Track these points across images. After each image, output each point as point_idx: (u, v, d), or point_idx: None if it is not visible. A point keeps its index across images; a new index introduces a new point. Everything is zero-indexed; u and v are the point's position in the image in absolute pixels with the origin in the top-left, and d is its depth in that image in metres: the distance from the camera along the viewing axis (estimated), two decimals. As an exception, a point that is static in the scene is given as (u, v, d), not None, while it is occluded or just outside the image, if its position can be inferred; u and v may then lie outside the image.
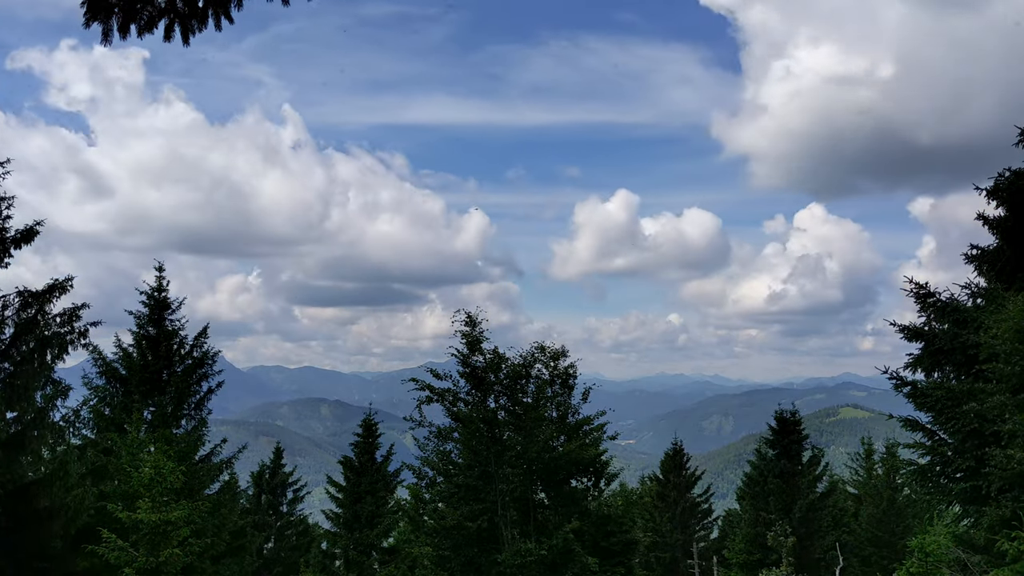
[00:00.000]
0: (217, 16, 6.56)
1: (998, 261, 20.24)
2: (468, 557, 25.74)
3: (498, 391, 27.37)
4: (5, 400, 16.94)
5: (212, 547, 22.65)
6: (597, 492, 30.07)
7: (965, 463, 18.25)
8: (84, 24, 6.24)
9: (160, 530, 19.60)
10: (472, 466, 26.88)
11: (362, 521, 36.42)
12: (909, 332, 20.50)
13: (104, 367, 25.36)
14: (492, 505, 26.24)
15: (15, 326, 17.36)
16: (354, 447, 38.81)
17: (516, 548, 24.56)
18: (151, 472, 20.27)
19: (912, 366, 20.48)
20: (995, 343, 17.07)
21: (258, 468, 42.64)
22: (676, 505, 50.02)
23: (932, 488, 19.70)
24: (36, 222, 17.88)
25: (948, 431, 18.79)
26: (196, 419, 26.03)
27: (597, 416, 29.25)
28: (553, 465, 26.88)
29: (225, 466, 26.15)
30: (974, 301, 19.96)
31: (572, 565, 25.45)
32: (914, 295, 20.60)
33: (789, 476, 39.71)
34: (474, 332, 27.38)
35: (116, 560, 19.15)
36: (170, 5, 6.45)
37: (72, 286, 18.17)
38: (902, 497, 44.11)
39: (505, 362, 27.34)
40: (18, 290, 17.61)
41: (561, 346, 28.89)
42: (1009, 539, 15.60)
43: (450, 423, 27.44)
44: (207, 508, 22.29)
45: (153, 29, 6.42)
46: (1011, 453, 16.02)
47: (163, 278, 26.17)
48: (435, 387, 27.03)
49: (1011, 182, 19.45)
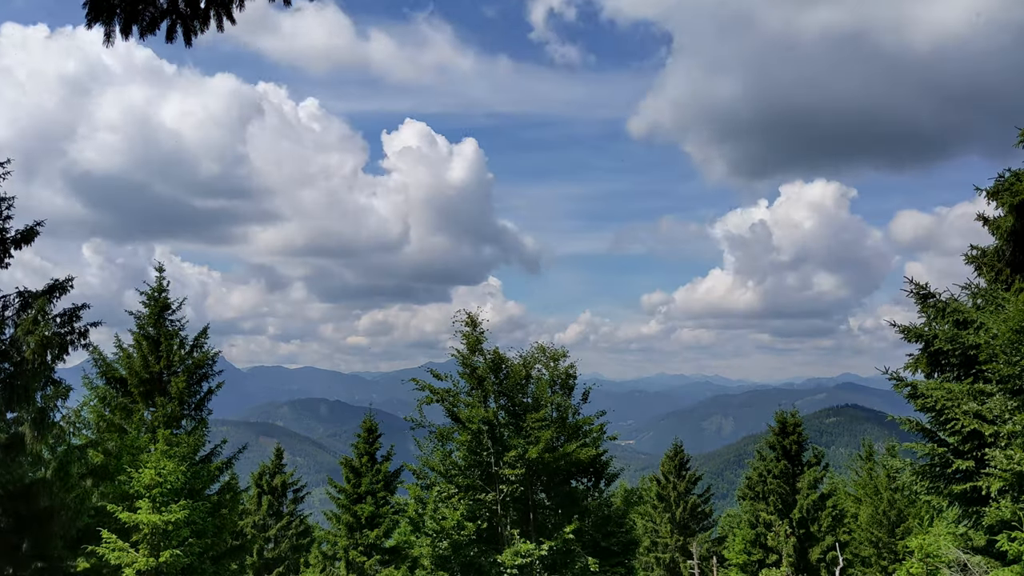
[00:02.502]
0: (219, 17, 6.56)
1: (998, 262, 20.27)
2: (468, 557, 25.74)
3: (498, 392, 27.37)
4: (5, 400, 16.93)
5: (212, 548, 22.66)
6: (597, 492, 30.07)
7: (965, 464, 18.25)
8: (87, 25, 6.24)
9: (161, 531, 19.65)
10: (472, 467, 26.89)
11: (362, 522, 36.42)
12: (909, 332, 20.51)
13: (104, 367, 25.35)
14: (492, 506, 26.25)
15: (15, 326, 17.35)
16: (354, 447, 38.80)
17: (516, 548, 24.56)
18: (151, 473, 20.33)
19: (912, 366, 20.49)
20: (995, 343, 17.10)
21: (258, 469, 42.65)
22: (676, 505, 50.03)
23: (932, 489, 19.68)
24: (36, 222, 17.86)
25: (948, 432, 18.79)
26: (196, 420, 26.03)
27: (597, 416, 29.22)
28: (553, 466, 26.87)
29: (225, 467, 26.13)
30: (974, 301, 19.96)
31: (572, 565, 25.46)
32: (914, 295, 20.61)
33: (789, 477, 39.76)
34: (475, 333, 27.40)
35: (117, 561, 19.21)
36: (172, 6, 6.45)
37: (72, 286, 18.14)
38: (902, 498, 44.08)
39: (505, 363, 27.35)
40: (18, 290, 17.58)
41: (561, 347, 28.95)
42: (1009, 540, 15.64)
43: (450, 423, 27.45)
44: (207, 509, 22.30)
45: (155, 30, 6.43)
46: (1011, 454, 16.04)
47: (163, 278, 26.16)
48: (435, 387, 27.05)
49: (1011, 183, 19.46)
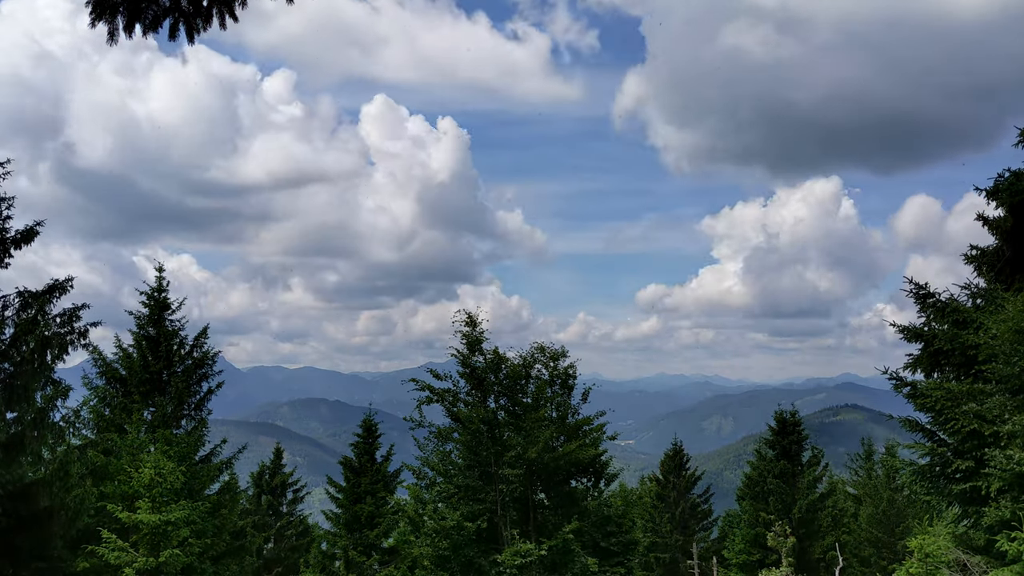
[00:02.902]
0: (221, 15, 6.57)
1: (997, 262, 20.27)
2: (468, 557, 25.72)
3: (498, 391, 27.37)
4: (5, 400, 16.91)
5: (212, 547, 22.65)
6: (597, 492, 30.06)
7: (965, 464, 18.24)
8: (90, 24, 6.24)
9: (160, 531, 19.65)
10: (472, 466, 26.88)
11: (362, 521, 36.41)
12: (909, 332, 20.51)
13: (104, 367, 25.38)
14: (492, 505, 26.24)
15: (15, 326, 17.32)
16: (354, 447, 38.78)
17: (516, 548, 24.55)
18: (151, 473, 20.33)
19: (912, 366, 20.49)
20: (994, 344, 17.11)
21: (258, 468, 42.60)
22: (676, 505, 50.03)
23: (932, 489, 19.68)
24: (36, 222, 17.85)
25: (948, 432, 18.78)
26: (196, 419, 26.06)
27: (597, 416, 29.21)
28: (553, 465, 26.87)
29: (225, 466, 26.15)
30: (973, 302, 19.97)
31: (572, 565, 25.45)
32: (914, 295, 20.61)
33: (789, 476, 39.78)
34: (474, 332, 27.40)
35: (116, 561, 19.20)
36: (174, 4, 6.46)
37: (72, 286, 18.14)
38: (902, 498, 44.09)
39: (505, 362, 27.34)
40: (18, 290, 17.55)
41: (561, 347, 28.94)
42: (1009, 539, 15.64)
43: (450, 423, 27.45)
44: (207, 509, 22.31)
45: (158, 28, 6.43)
46: (1010, 454, 16.05)
47: (163, 278, 26.18)
48: (435, 387, 27.04)
49: (1011, 183, 19.47)
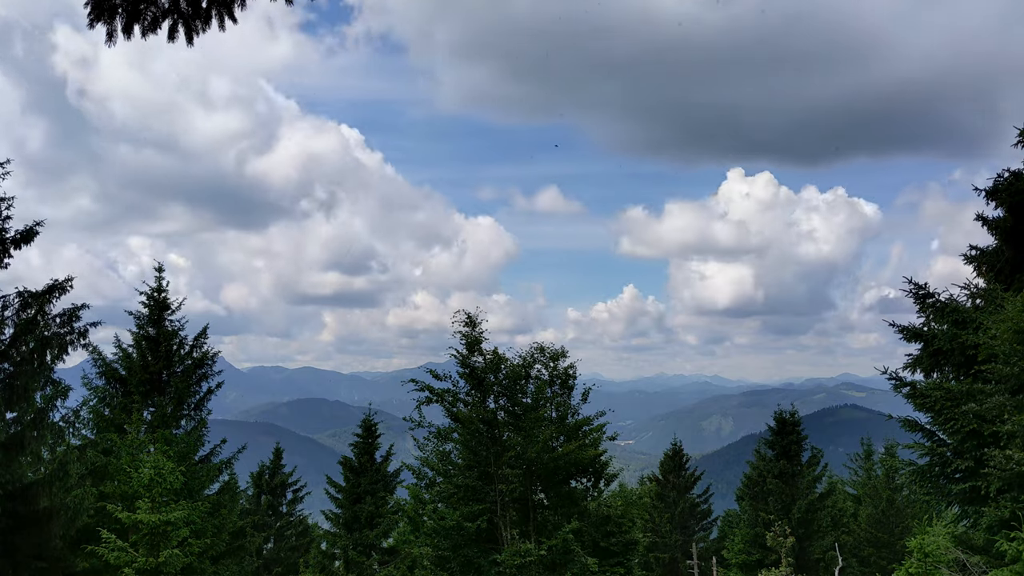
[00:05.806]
0: (221, 16, 6.57)
1: (997, 262, 20.28)
2: (468, 557, 25.72)
3: (497, 391, 27.35)
4: (5, 400, 16.93)
5: (212, 547, 22.67)
6: (596, 492, 30.07)
7: (964, 464, 18.25)
8: (88, 25, 6.25)
9: (160, 531, 19.66)
10: (471, 466, 26.87)
11: (362, 521, 36.43)
12: (908, 332, 20.52)
13: (104, 367, 25.39)
14: (492, 506, 26.23)
15: (15, 326, 17.34)
16: (354, 447, 38.81)
17: (516, 548, 24.54)
18: (151, 473, 20.34)
19: (911, 366, 20.50)
20: (994, 344, 17.11)
21: (258, 468, 42.60)
22: (675, 505, 50.05)
23: (931, 489, 19.70)
24: (36, 222, 17.86)
25: (947, 432, 18.79)
26: (196, 419, 26.07)
27: (597, 416, 29.21)
28: (552, 466, 26.87)
29: (225, 466, 26.16)
30: (973, 302, 19.97)
31: (572, 565, 25.44)
32: (913, 295, 20.62)
33: (788, 476, 39.80)
34: (474, 332, 27.38)
35: (116, 560, 19.21)
36: (173, 5, 6.46)
37: (72, 286, 18.16)
38: (901, 498, 44.13)
39: (504, 362, 27.32)
40: (18, 290, 17.57)
41: (561, 347, 28.93)
42: (1008, 539, 15.64)
43: (450, 423, 27.43)
44: (207, 508, 22.33)
45: (157, 30, 6.43)
46: (1010, 454, 16.04)
47: (162, 278, 26.19)
48: (434, 387, 27.02)
49: (1010, 183, 19.47)
